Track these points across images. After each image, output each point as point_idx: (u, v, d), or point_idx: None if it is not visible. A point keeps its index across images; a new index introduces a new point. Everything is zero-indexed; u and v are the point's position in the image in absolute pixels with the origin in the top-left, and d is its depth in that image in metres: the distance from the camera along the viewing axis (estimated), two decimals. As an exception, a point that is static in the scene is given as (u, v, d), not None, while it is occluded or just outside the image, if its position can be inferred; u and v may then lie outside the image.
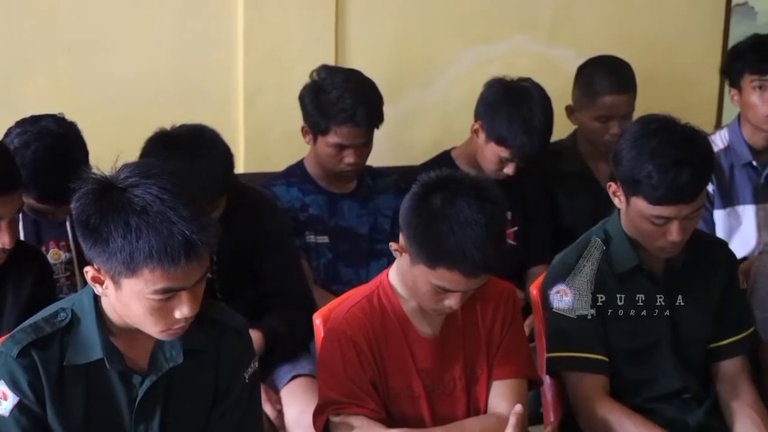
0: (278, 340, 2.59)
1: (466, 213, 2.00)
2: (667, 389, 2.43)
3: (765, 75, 3.08)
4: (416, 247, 2.05)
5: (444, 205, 2.02)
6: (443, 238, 2.00)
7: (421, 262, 2.05)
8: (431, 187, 2.07)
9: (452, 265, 2.01)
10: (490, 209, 2.02)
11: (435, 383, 2.21)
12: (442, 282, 2.05)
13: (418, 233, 2.04)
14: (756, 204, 3.23)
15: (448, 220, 2.00)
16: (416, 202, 2.07)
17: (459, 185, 2.05)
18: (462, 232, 1.99)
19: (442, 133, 3.42)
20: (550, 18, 3.69)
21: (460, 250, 1.99)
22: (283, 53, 3.31)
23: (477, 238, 1.99)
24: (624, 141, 2.32)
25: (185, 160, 2.39)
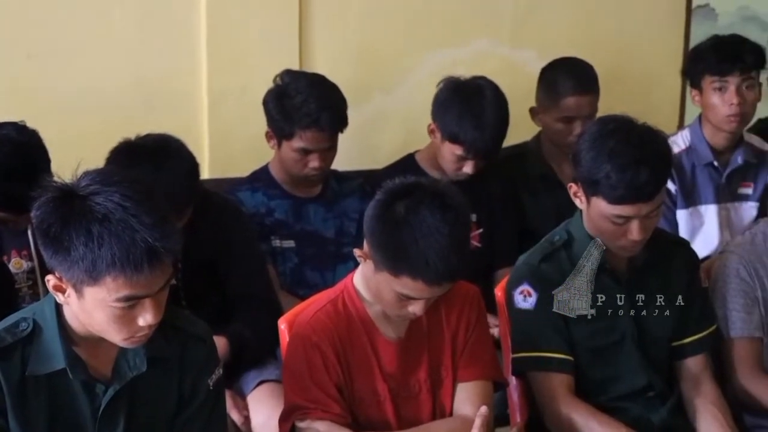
0: (244, 346, 2.58)
1: (429, 222, 2.00)
2: (631, 388, 2.45)
3: (725, 76, 3.10)
4: (380, 255, 2.05)
5: (407, 213, 2.02)
6: (406, 247, 2.00)
7: (385, 270, 2.05)
8: (395, 195, 2.06)
9: (415, 274, 2.02)
10: (452, 217, 2.02)
11: (400, 387, 2.21)
12: (406, 290, 2.05)
13: (382, 241, 2.04)
14: (718, 204, 3.25)
15: (411, 228, 2.00)
16: (380, 210, 2.06)
17: (423, 193, 2.05)
18: (425, 241, 1.99)
19: (406, 136, 3.43)
20: (512, 21, 3.70)
21: (423, 259, 1.99)
22: (246, 58, 3.31)
23: (440, 247, 1.99)
24: (583, 142, 2.34)
25: (150, 171, 2.38)
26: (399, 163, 3.25)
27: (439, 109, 3.06)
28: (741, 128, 3.20)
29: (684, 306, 2.50)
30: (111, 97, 3.21)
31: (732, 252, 2.63)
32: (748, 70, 3.09)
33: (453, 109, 3.01)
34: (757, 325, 2.56)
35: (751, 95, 3.12)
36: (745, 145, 3.26)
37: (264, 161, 3.09)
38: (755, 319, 2.56)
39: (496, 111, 3.01)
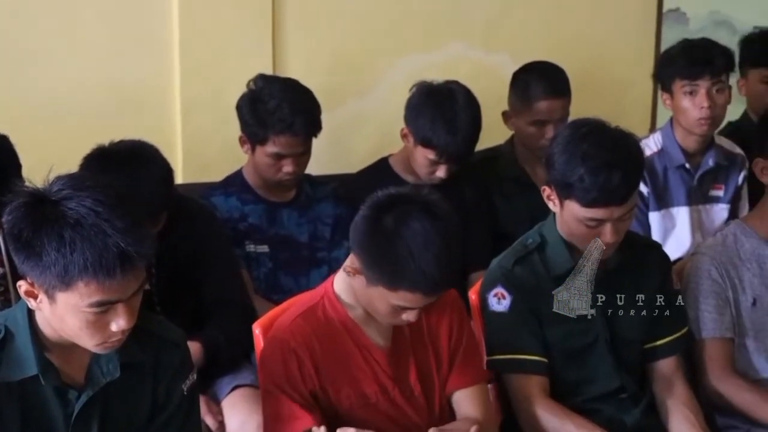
0: (218, 351, 2.57)
1: (421, 234, 2.00)
2: (604, 389, 2.47)
3: (695, 80, 3.12)
4: (374, 272, 2.05)
5: (397, 226, 2.01)
6: (404, 263, 2.00)
7: (380, 285, 2.05)
8: (380, 209, 2.05)
9: (414, 288, 2.03)
10: (444, 227, 2.03)
11: (394, 389, 2.22)
12: (403, 302, 2.06)
13: (377, 259, 2.03)
14: (689, 206, 3.27)
15: (405, 244, 2.00)
16: (368, 227, 2.05)
17: (409, 205, 2.04)
18: (421, 255, 1.99)
19: (380, 140, 3.43)
20: (485, 25, 3.72)
21: (421, 272, 2.00)
22: (220, 63, 3.30)
23: (435, 258, 2.00)
24: (556, 145, 2.35)
25: (124, 177, 2.36)
26: (373, 168, 3.26)
27: (411, 114, 3.07)
28: (712, 131, 3.22)
29: (656, 308, 2.51)
30: (84, 102, 3.19)
31: (703, 254, 2.66)
32: (718, 74, 3.12)
33: (425, 114, 3.02)
34: (729, 326, 2.59)
35: (721, 98, 3.14)
36: (715, 147, 3.28)
37: (238, 166, 3.08)
38: (726, 320, 2.59)
39: (468, 115, 3.02)
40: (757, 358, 2.62)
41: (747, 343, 2.62)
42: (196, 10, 3.26)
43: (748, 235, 2.65)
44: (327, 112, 3.08)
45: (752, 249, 2.63)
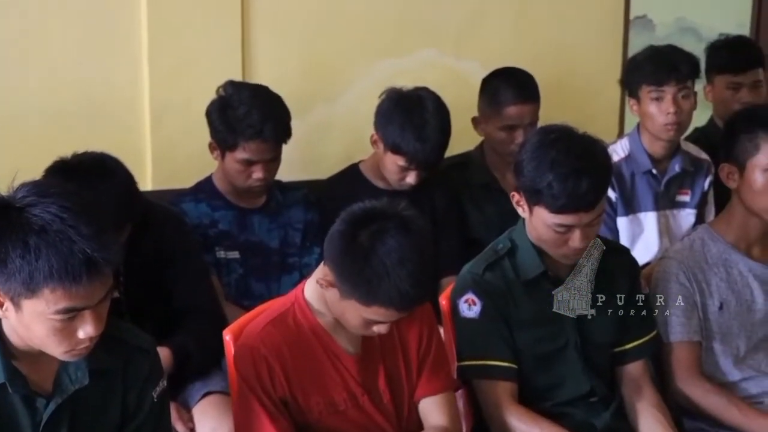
0: (188, 356, 2.56)
1: (396, 250, 2.00)
2: (574, 393, 2.48)
3: (661, 86, 3.15)
4: (349, 287, 2.04)
5: (373, 243, 2.01)
6: (379, 280, 2.00)
7: (354, 300, 2.05)
8: (356, 224, 2.05)
9: (388, 304, 2.03)
10: (419, 243, 2.03)
11: (363, 396, 2.22)
12: (376, 317, 2.07)
13: (351, 274, 2.03)
14: (657, 211, 3.31)
15: (380, 261, 1.99)
16: (344, 243, 2.05)
17: (384, 220, 2.04)
18: (396, 273, 1.99)
19: (351, 146, 3.43)
20: (455, 32, 3.73)
21: (396, 289, 2.00)
22: (189, 69, 3.28)
23: (411, 275, 2.00)
24: (524, 152, 2.36)
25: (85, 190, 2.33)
26: (343, 173, 3.26)
27: (381, 120, 3.08)
28: (678, 136, 3.25)
29: (625, 312, 2.53)
30: (52, 109, 3.16)
31: (671, 258, 2.68)
32: (683, 80, 3.15)
33: (395, 120, 3.02)
34: (696, 330, 2.61)
35: (687, 104, 3.18)
36: (682, 153, 3.31)
37: (208, 172, 3.07)
38: (694, 323, 2.61)
39: (437, 121, 3.03)
40: (724, 362, 2.64)
41: (714, 346, 2.64)
42: (165, 16, 3.24)
43: (714, 240, 2.67)
44: (297, 118, 3.08)
45: (719, 253, 2.65)
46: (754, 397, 2.63)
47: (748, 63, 3.67)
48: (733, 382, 2.64)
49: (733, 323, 2.64)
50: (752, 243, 2.67)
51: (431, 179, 3.18)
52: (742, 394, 2.62)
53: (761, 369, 2.66)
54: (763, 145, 2.53)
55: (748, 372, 2.65)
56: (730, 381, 2.64)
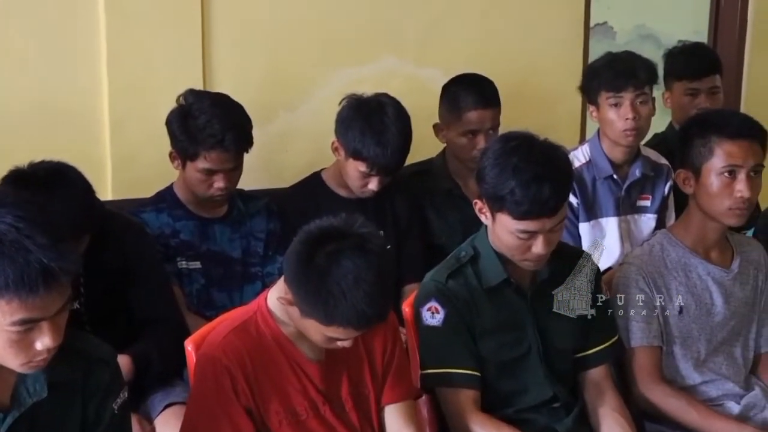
0: (148, 364, 2.54)
1: (353, 271, 1.99)
2: (537, 399, 2.49)
3: (620, 92, 3.17)
4: (307, 307, 2.04)
5: (330, 264, 2.00)
6: (335, 301, 1.99)
7: (314, 319, 2.05)
8: (313, 244, 2.03)
9: (347, 324, 2.03)
10: (376, 262, 2.02)
11: (325, 405, 2.21)
12: (337, 335, 2.07)
13: (309, 296, 2.02)
14: (618, 216, 3.32)
15: (337, 282, 1.99)
16: (301, 264, 2.03)
17: (341, 241, 2.02)
18: (353, 294, 1.98)
19: (313, 155, 3.42)
20: (416, 39, 3.74)
21: (353, 310, 2.00)
22: (149, 78, 3.26)
23: (368, 295, 1.99)
24: (486, 159, 2.37)
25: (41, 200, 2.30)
26: (305, 182, 3.25)
27: (341, 127, 3.07)
28: (637, 142, 3.28)
29: (587, 318, 2.55)
30: (10, 118, 3.12)
31: (631, 263, 2.69)
32: (641, 86, 3.18)
33: (355, 126, 3.02)
34: (656, 334, 2.63)
35: (645, 110, 3.20)
36: (642, 158, 3.34)
37: (168, 182, 3.05)
38: (654, 328, 2.63)
39: (398, 127, 3.03)
40: (684, 365, 2.66)
41: (674, 350, 2.66)
42: (124, 25, 3.22)
43: (674, 245, 2.69)
44: (258, 126, 3.07)
45: (678, 258, 2.68)
46: (714, 400, 2.66)
47: (706, 69, 3.70)
48: (693, 385, 2.66)
49: (693, 327, 2.66)
50: (710, 247, 2.70)
51: (393, 186, 3.19)
52: (702, 397, 2.65)
53: (721, 372, 2.69)
54: (717, 149, 2.56)
55: (708, 375, 2.67)
56: (691, 384, 2.66)
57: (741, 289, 2.71)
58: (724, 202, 2.58)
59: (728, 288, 2.69)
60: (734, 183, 2.56)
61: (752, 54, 4.53)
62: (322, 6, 3.58)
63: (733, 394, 2.67)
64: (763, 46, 4.53)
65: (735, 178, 2.56)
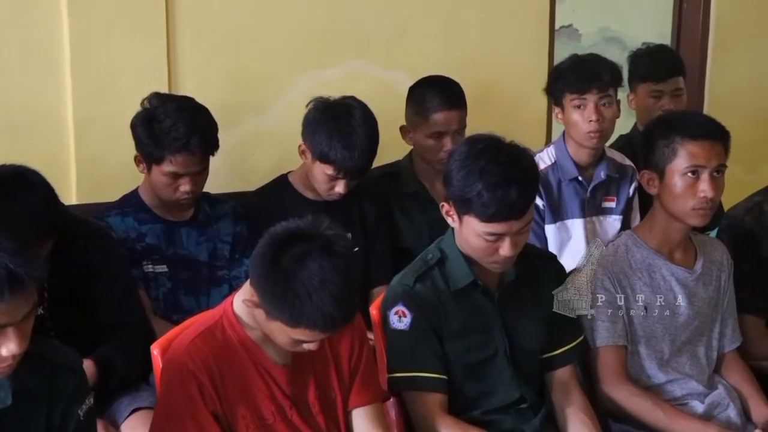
0: (112, 369, 2.52)
1: (319, 274, 1.98)
2: (504, 401, 2.50)
3: (584, 94, 3.19)
4: (273, 309, 2.04)
5: (296, 267, 1.99)
6: (301, 303, 1.99)
7: (279, 321, 2.05)
8: (279, 246, 2.03)
9: (313, 326, 2.02)
10: (342, 264, 2.02)
11: (292, 409, 2.21)
12: (303, 337, 2.07)
13: (275, 297, 2.02)
14: (584, 218, 3.34)
15: (303, 284, 1.98)
16: (267, 266, 2.03)
17: (307, 243, 2.02)
18: (319, 295, 1.98)
19: (280, 157, 3.42)
20: (382, 42, 3.74)
21: (319, 312, 1.99)
22: (113, 81, 3.24)
23: (334, 298, 1.99)
24: (453, 162, 2.38)
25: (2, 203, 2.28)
26: (272, 185, 3.25)
27: (308, 130, 3.07)
28: (601, 144, 3.30)
29: (552, 319, 2.57)
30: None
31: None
32: (605, 88, 3.19)
33: (322, 129, 3.02)
34: (621, 334, 2.64)
35: (609, 112, 3.22)
36: (607, 160, 3.36)
37: (134, 185, 3.04)
38: (619, 328, 2.64)
39: (365, 130, 3.03)
40: (649, 365, 2.68)
41: (639, 350, 2.68)
42: (88, 28, 3.19)
43: (638, 246, 2.71)
44: (225, 130, 3.05)
45: (642, 259, 2.70)
46: (678, 399, 2.68)
47: (669, 71, 3.74)
48: (658, 384, 2.68)
49: (658, 327, 2.68)
50: (674, 247, 2.72)
51: (361, 189, 3.19)
52: (667, 396, 2.67)
53: (685, 371, 2.71)
54: (680, 150, 2.59)
55: (673, 374, 2.70)
56: (656, 384, 2.68)
57: (704, 290, 2.73)
58: (687, 202, 2.60)
59: (692, 288, 2.71)
60: (698, 183, 2.58)
61: (715, 56, 4.58)
62: (288, 9, 3.57)
63: (697, 393, 2.70)
64: (725, 48, 4.58)
65: (698, 178, 2.58)
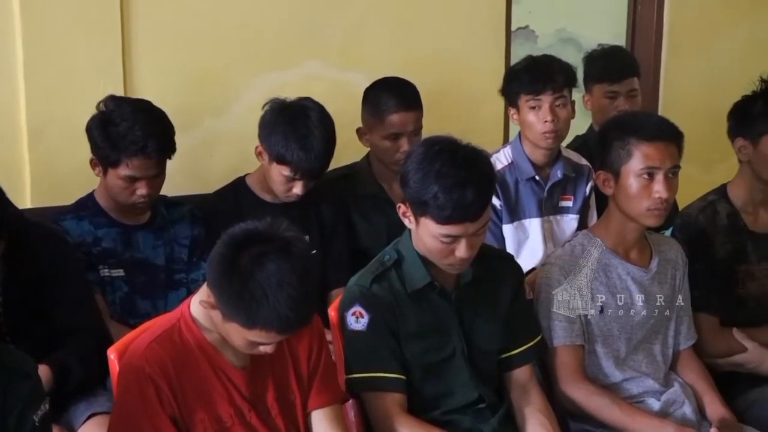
0: (68, 374, 2.49)
1: (276, 275, 1.99)
2: (463, 401, 2.52)
3: (539, 95, 3.21)
4: (229, 310, 2.03)
5: (253, 267, 1.99)
6: (258, 303, 1.98)
7: (236, 323, 2.04)
8: (236, 247, 2.03)
9: (269, 327, 2.02)
10: (299, 265, 2.02)
11: (250, 411, 2.21)
12: (259, 339, 2.06)
13: (231, 298, 2.02)
14: (541, 217, 3.36)
15: (259, 285, 1.98)
16: (224, 266, 2.03)
17: (265, 244, 2.02)
18: (275, 297, 1.98)
19: (237, 159, 3.40)
20: (340, 44, 3.74)
21: (275, 313, 1.99)
22: (68, 84, 3.21)
23: (290, 299, 1.99)
24: (410, 164, 2.38)
25: None
26: (229, 187, 3.24)
27: (264, 131, 3.07)
28: (556, 144, 3.32)
29: (510, 319, 2.58)
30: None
31: (553, 264, 2.73)
32: (559, 89, 3.22)
33: (279, 131, 3.02)
34: (578, 334, 2.67)
35: (564, 113, 3.24)
36: (563, 159, 3.38)
37: (89, 189, 3.01)
38: (576, 327, 2.67)
39: (321, 131, 3.03)
40: (606, 363, 2.71)
41: (596, 349, 2.71)
42: (41, 30, 3.16)
43: (594, 245, 2.74)
44: (182, 132, 3.04)
45: (599, 258, 2.72)
46: (635, 396, 2.71)
47: (624, 72, 3.77)
48: (615, 383, 2.71)
49: (614, 326, 2.71)
50: (630, 247, 2.75)
51: (318, 191, 3.19)
52: (624, 394, 2.70)
53: (641, 369, 2.74)
54: (635, 152, 2.61)
55: (630, 373, 2.73)
56: (613, 382, 2.71)
57: (660, 288, 2.76)
58: (642, 202, 2.63)
59: (647, 287, 2.74)
60: (652, 184, 2.61)
61: (668, 57, 4.63)
62: (245, 11, 3.56)
63: (653, 390, 2.73)
64: (679, 49, 4.64)
65: (653, 179, 2.61)
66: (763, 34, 4.78)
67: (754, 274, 3.03)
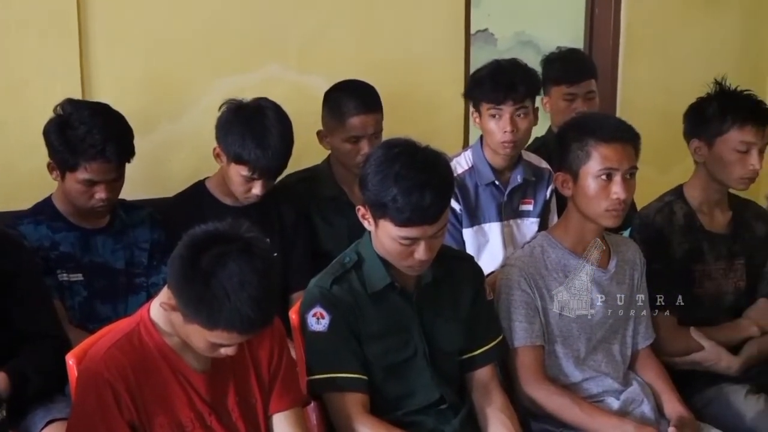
0: (26, 381, 2.46)
1: (237, 275, 1.98)
2: (425, 402, 2.52)
3: (500, 105, 3.20)
4: (190, 311, 2.03)
5: (214, 268, 1.99)
6: (219, 304, 1.98)
7: (197, 324, 2.03)
8: (197, 248, 2.02)
9: (231, 328, 2.02)
10: (261, 265, 2.02)
11: (211, 415, 2.20)
12: (221, 340, 2.06)
13: (192, 299, 2.01)
14: (501, 221, 3.37)
15: (221, 285, 1.98)
16: (185, 268, 2.02)
17: (227, 245, 2.02)
18: (237, 296, 1.98)
19: (196, 163, 3.39)
20: (299, 47, 3.74)
21: (237, 314, 1.99)
22: (24, 87, 3.18)
23: (252, 299, 1.99)
24: (369, 166, 2.39)
25: None
26: (189, 191, 3.22)
27: (221, 131, 3.06)
28: (514, 153, 3.31)
29: (471, 319, 2.59)
30: None
31: (512, 265, 2.75)
32: (521, 100, 3.20)
33: (235, 131, 3.01)
34: (539, 334, 2.69)
35: (524, 123, 3.23)
36: (523, 163, 3.39)
37: (47, 193, 2.98)
38: (536, 328, 2.69)
39: (279, 129, 3.03)
40: (566, 363, 2.73)
41: (556, 349, 2.73)
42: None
43: (553, 246, 2.76)
44: (141, 136, 3.02)
45: (558, 259, 2.74)
46: (595, 396, 2.74)
47: (582, 74, 3.80)
48: (575, 382, 2.73)
49: (573, 326, 2.73)
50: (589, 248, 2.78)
51: (279, 194, 3.18)
52: (583, 393, 2.72)
53: (601, 369, 2.77)
54: (594, 153, 2.64)
55: (589, 372, 2.75)
56: (573, 382, 2.73)
57: (618, 289, 2.79)
58: (601, 203, 2.65)
59: (606, 288, 2.77)
60: (610, 185, 2.64)
61: (626, 60, 4.67)
62: (204, 15, 3.55)
63: (612, 390, 2.76)
64: (636, 52, 4.68)
65: (611, 180, 2.63)
66: (717, 36, 4.85)
67: (710, 273, 3.06)
